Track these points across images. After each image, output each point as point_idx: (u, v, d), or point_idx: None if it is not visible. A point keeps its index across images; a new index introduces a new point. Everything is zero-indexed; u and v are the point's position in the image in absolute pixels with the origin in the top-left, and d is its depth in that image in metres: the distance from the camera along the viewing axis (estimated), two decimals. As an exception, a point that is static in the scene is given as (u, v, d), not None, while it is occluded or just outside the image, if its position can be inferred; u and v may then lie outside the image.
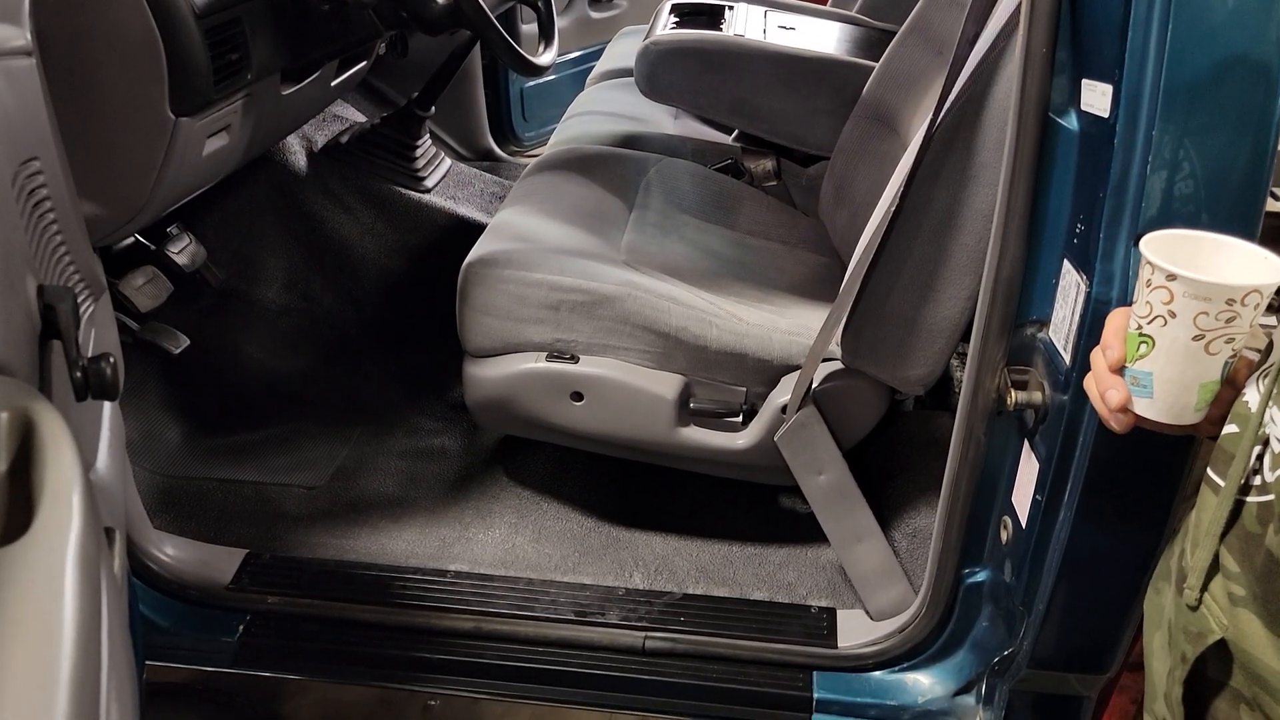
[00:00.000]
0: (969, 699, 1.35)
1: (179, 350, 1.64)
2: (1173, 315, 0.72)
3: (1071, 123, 1.05)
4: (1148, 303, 0.73)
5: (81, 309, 1.07)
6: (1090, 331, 1.03)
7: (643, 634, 1.40)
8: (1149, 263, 0.73)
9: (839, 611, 1.44)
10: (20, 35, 0.98)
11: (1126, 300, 1.00)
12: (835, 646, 1.39)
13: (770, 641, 1.40)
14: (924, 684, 1.36)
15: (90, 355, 0.87)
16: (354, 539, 1.55)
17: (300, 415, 1.82)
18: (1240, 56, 0.93)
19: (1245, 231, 0.94)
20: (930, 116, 1.23)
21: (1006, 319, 1.15)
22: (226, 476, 1.66)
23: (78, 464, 0.64)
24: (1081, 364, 1.05)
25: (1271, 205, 1.24)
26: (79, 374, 0.85)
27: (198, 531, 1.55)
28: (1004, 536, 1.24)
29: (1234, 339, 0.72)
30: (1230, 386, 0.73)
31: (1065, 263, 1.08)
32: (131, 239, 1.65)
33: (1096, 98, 1.01)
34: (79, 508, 0.60)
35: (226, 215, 2.04)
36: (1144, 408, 0.76)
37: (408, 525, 1.58)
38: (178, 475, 1.66)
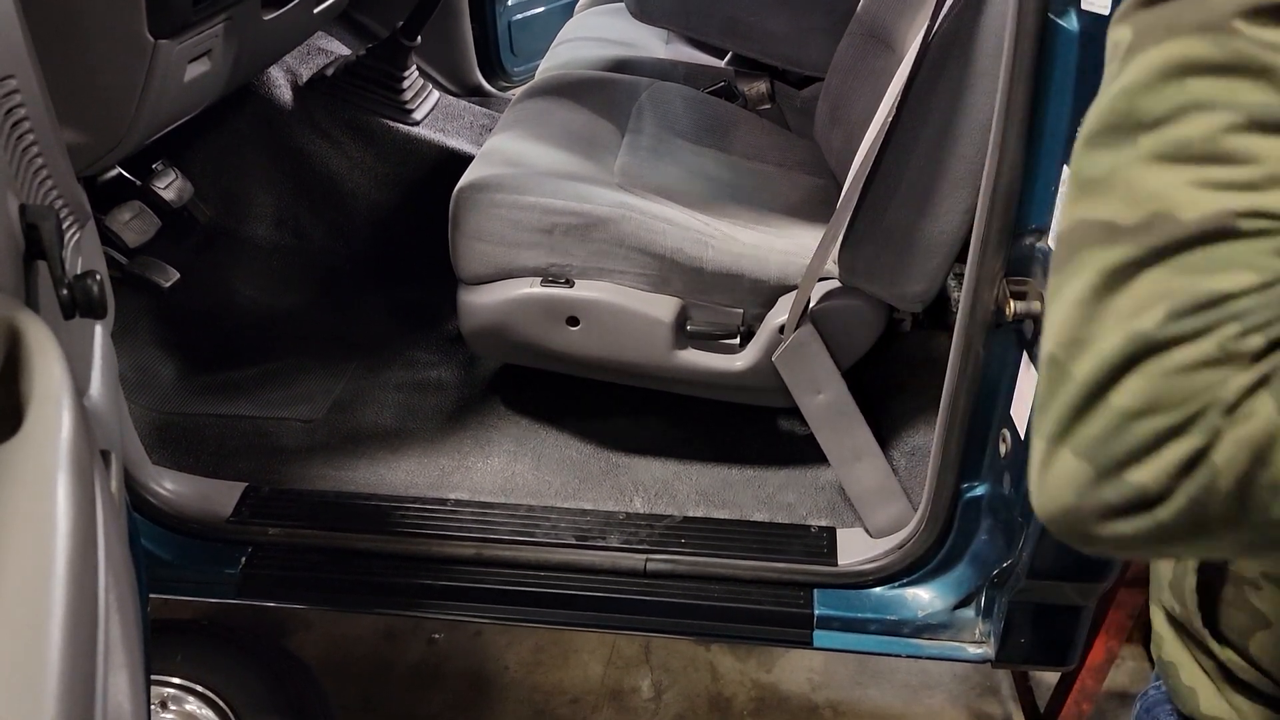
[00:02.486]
0: (968, 611, 1.36)
1: (169, 284, 1.62)
2: None
3: (1071, 23, 1.03)
4: None
5: (67, 236, 1.06)
6: (1091, 236, 1.01)
7: (644, 556, 1.41)
8: None
9: (839, 530, 1.45)
10: (-12, -53, 0.95)
11: (1128, 203, 0.98)
12: (835, 564, 1.40)
13: (771, 561, 1.41)
14: (924, 598, 1.37)
15: (76, 274, 0.86)
16: (353, 470, 1.55)
17: (295, 350, 1.81)
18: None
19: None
20: (926, 25, 1.20)
21: (1005, 228, 1.13)
22: (223, 412, 1.66)
23: (65, 370, 0.63)
24: (1082, 271, 1.04)
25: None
26: (65, 291, 0.84)
27: (196, 466, 1.54)
28: (1003, 449, 1.24)
29: None
30: None
31: (1066, 169, 1.06)
32: (116, 172, 1.62)
33: (1097, -3, 0.99)
34: (69, 408, 0.59)
35: (212, 150, 2.01)
36: None
37: (406, 456, 1.58)
38: (174, 412, 1.65)
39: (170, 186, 1.78)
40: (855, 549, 1.42)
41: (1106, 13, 0.97)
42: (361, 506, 1.49)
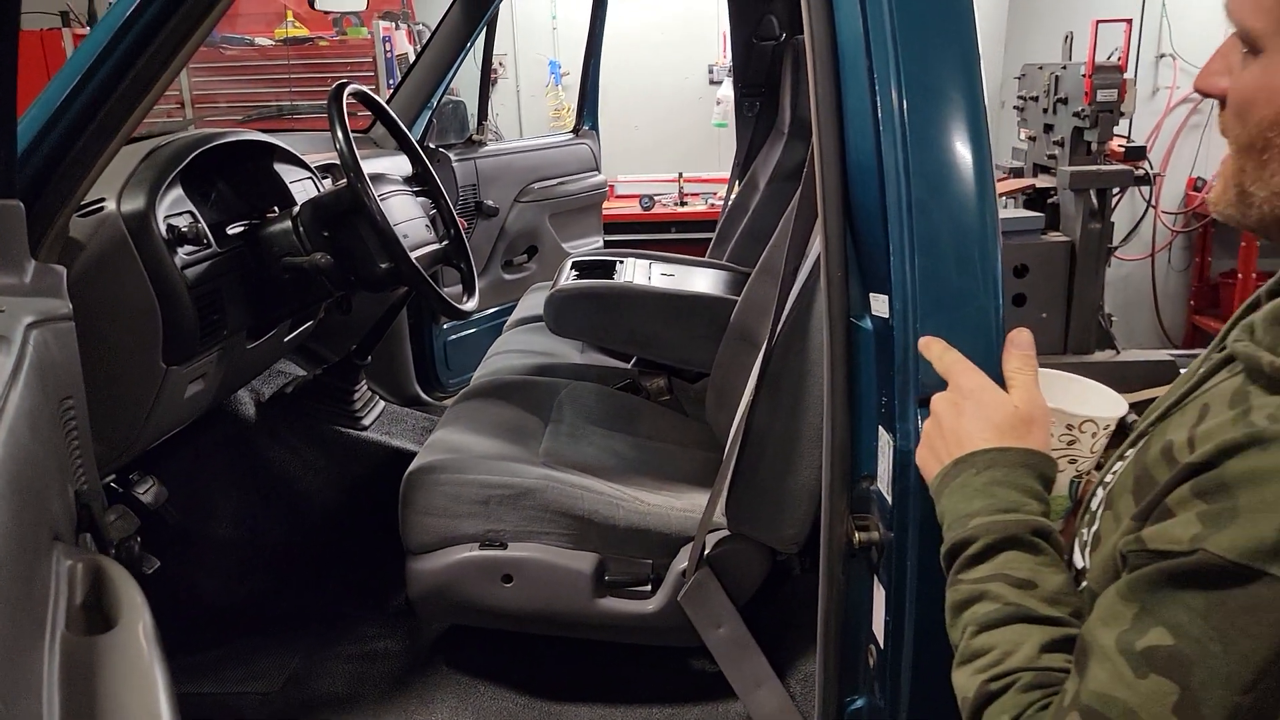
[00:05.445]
0: (870, 823, 1.52)
1: (151, 570, 1.82)
2: None
3: (867, 324, 1.41)
4: None
5: (94, 517, 1.30)
6: (901, 477, 1.33)
7: (576, 796, 1.56)
8: None
9: (749, 757, 1.63)
10: (65, 306, 1.28)
11: (922, 449, 1.31)
12: (748, 788, 1.57)
13: (691, 789, 1.57)
14: (827, 810, 1.53)
15: (118, 539, 1.10)
16: (307, 736, 1.70)
17: (253, 631, 1.99)
18: (969, 282, 1.31)
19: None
20: (771, 327, 1.59)
21: (845, 477, 1.45)
22: (185, 690, 1.80)
23: (142, 593, 0.88)
24: (899, 505, 1.35)
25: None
26: (112, 552, 1.08)
27: (159, 742, 1.67)
28: (871, 662, 1.48)
29: (1076, 460, 0.88)
30: (1081, 506, 0.91)
31: (879, 427, 1.40)
32: (109, 478, 1.87)
33: (880, 305, 1.37)
34: (148, 613, 0.83)
35: (184, 460, 2.27)
36: None
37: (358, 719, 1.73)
38: (139, 694, 1.78)
39: (148, 492, 2.02)
40: (764, 772, 1.59)
41: (886, 316, 1.35)
42: (316, 768, 1.63)
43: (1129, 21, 4.31)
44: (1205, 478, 0.63)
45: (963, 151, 1.33)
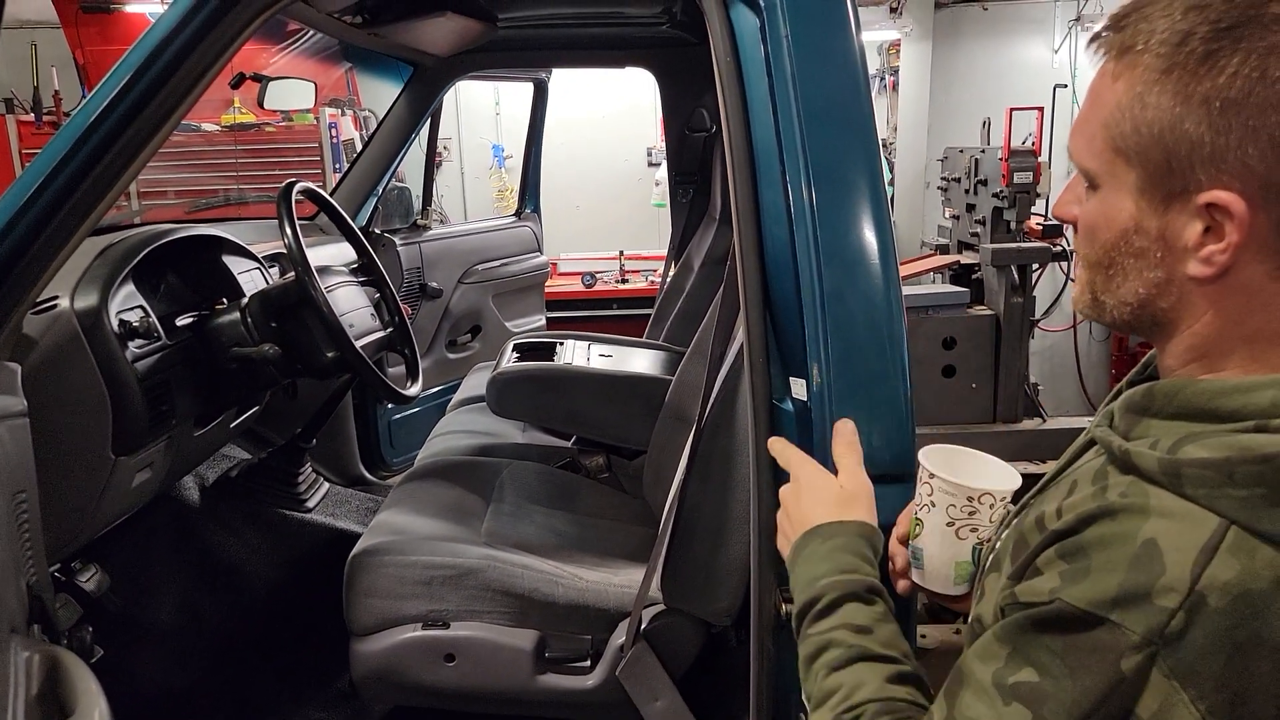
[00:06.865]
0: None
1: (95, 660, 1.82)
2: (933, 504, 0.97)
3: (788, 406, 1.51)
4: (919, 493, 1.01)
5: (44, 608, 1.33)
6: (822, 550, 1.42)
7: None
8: (920, 464, 1.01)
9: (687, 830, 1.67)
10: (19, 403, 1.33)
11: (840, 523, 1.41)
12: None
13: None
14: None
15: (70, 626, 1.14)
16: (250, 824, 1.70)
17: (197, 716, 1.99)
18: (881, 366, 1.42)
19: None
20: (700, 409, 1.69)
21: (772, 551, 1.52)
22: (128, 781, 1.79)
23: (96, 681, 0.92)
24: (822, 575, 1.44)
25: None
26: (64, 641, 1.12)
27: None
28: (802, 729, 1.55)
29: (977, 529, 0.94)
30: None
31: (799, 504, 1.50)
32: (55, 568, 1.88)
33: (799, 389, 1.48)
34: (103, 701, 0.87)
35: (127, 548, 2.28)
36: (918, 577, 1.02)
37: (301, 804, 1.75)
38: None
39: (91, 580, 2.03)
40: (701, 845, 1.64)
41: (806, 399, 1.46)
42: None
43: (1040, 109, 4.62)
44: (1067, 542, 0.75)
45: (869, 240, 1.44)
